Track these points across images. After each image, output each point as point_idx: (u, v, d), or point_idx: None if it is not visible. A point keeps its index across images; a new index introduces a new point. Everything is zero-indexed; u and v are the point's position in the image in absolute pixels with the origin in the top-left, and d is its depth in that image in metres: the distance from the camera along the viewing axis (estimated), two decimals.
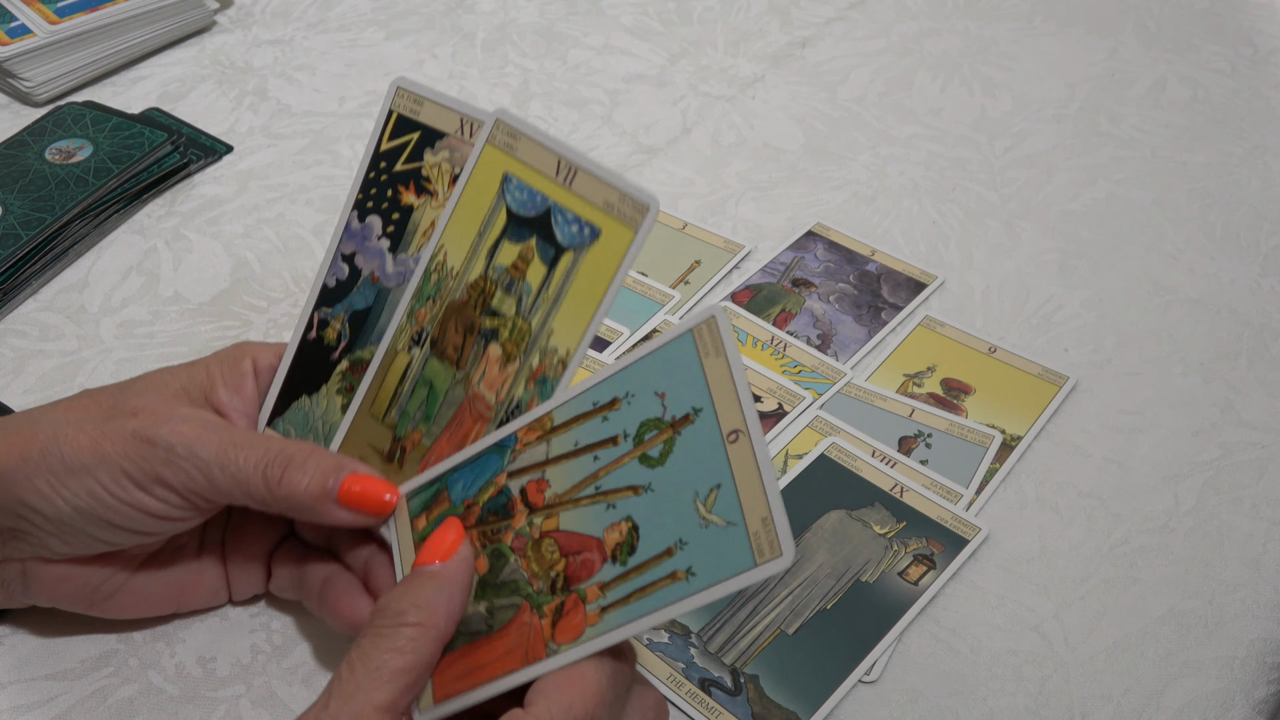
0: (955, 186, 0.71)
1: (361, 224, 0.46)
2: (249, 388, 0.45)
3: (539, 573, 0.37)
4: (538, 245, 0.41)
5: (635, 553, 0.35)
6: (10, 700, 0.44)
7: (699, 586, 0.34)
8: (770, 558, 0.32)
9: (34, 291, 0.63)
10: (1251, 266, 0.65)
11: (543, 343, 0.40)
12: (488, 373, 0.42)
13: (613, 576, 0.36)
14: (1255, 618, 0.48)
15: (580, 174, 0.40)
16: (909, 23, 0.87)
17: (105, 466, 0.39)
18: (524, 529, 0.38)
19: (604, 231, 0.39)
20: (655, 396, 0.36)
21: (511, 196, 0.42)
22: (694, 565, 0.34)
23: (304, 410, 0.46)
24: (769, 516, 0.33)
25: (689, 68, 0.82)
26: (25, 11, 0.77)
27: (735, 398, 0.34)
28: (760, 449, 0.33)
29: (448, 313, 0.43)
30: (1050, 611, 0.48)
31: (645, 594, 0.35)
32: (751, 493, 0.33)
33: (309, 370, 0.46)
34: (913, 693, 0.46)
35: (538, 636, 0.36)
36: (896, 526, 0.51)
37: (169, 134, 0.70)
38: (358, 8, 0.89)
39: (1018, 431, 0.56)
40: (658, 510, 0.35)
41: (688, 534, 0.34)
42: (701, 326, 0.36)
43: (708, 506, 0.34)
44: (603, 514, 0.36)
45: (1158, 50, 0.84)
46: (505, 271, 0.42)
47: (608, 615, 0.35)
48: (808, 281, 0.64)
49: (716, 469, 0.34)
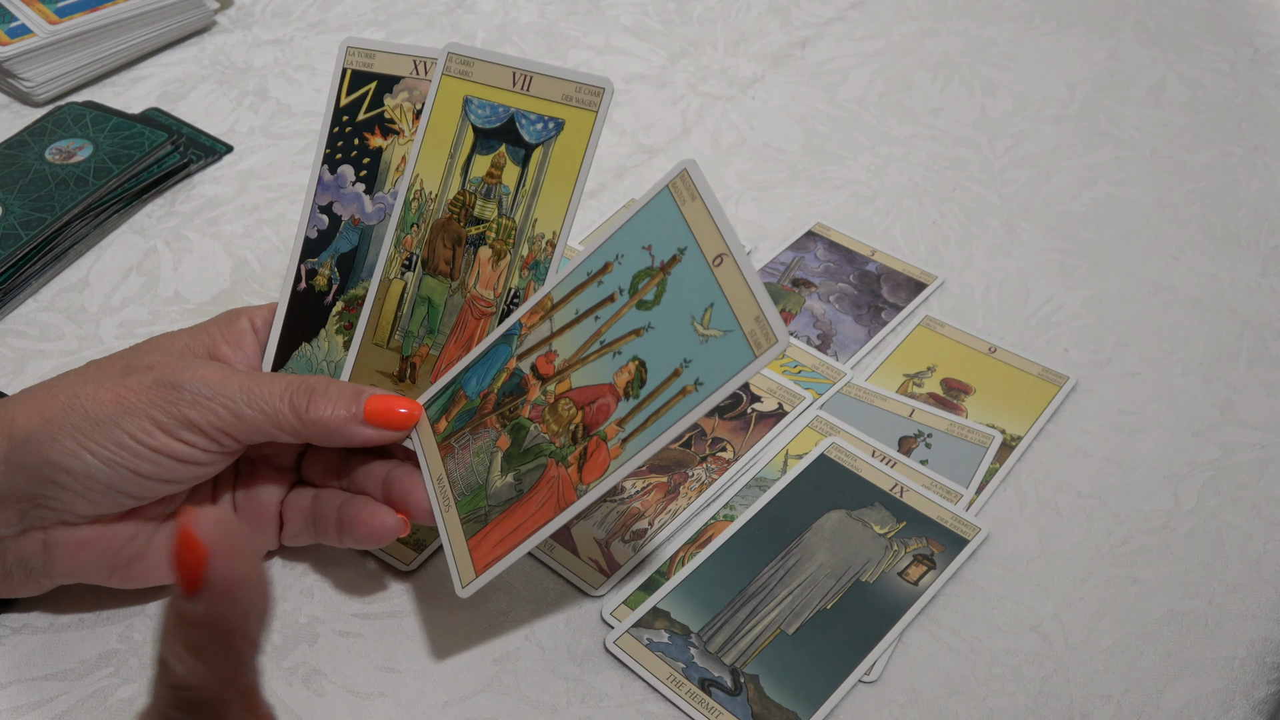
0: (955, 186, 0.71)
1: (334, 175, 0.48)
2: (249, 343, 0.47)
3: (559, 430, 0.40)
4: (508, 150, 0.45)
5: (645, 384, 0.38)
6: (10, 700, 0.44)
7: (709, 391, 0.36)
8: (768, 346, 0.35)
9: (34, 291, 0.63)
10: (1251, 266, 0.65)
11: (529, 232, 0.44)
12: (481, 274, 0.45)
13: (628, 411, 0.38)
14: (1255, 618, 0.48)
15: (535, 78, 0.44)
16: (909, 23, 0.87)
17: (132, 415, 0.40)
18: (539, 399, 0.41)
19: (567, 121, 0.43)
20: (643, 250, 0.39)
21: (474, 115, 0.45)
22: (700, 376, 0.36)
23: (306, 356, 0.48)
24: (760, 314, 0.35)
25: (689, 68, 0.82)
26: (25, 11, 0.77)
27: (715, 229, 0.37)
28: (744, 263, 0.36)
29: (433, 233, 0.46)
30: (1050, 611, 0.48)
31: (660, 414, 0.37)
32: (742, 300, 0.36)
33: (304, 319, 0.48)
34: (913, 693, 0.46)
35: (567, 484, 0.39)
36: (896, 526, 0.51)
37: (169, 134, 0.70)
38: (358, 8, 0.89)
39: (1018, 431, 0.56)
40: (660, 343, 0.38)
41: (690, 352, 0.37)
42: (676, 180, 0.39)
43: (704, 324, 0.37)
44: (610, 362, 0.39)
45: (1158, 50, 0.84)
46: (481, 181, 0.45)
47: (629, 444, 0.38)
48: (808, 281, 0.64)
49: (707, 291, 0.37)
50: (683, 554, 0.50)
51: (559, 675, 0.46)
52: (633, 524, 0.51)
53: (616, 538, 0.51)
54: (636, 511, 0.52)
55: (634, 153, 0.74)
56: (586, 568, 0.50)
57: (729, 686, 0.46)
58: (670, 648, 0.47)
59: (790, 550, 0.50)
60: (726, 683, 0.46)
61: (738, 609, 0.48)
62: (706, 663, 0.46)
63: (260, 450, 0.47)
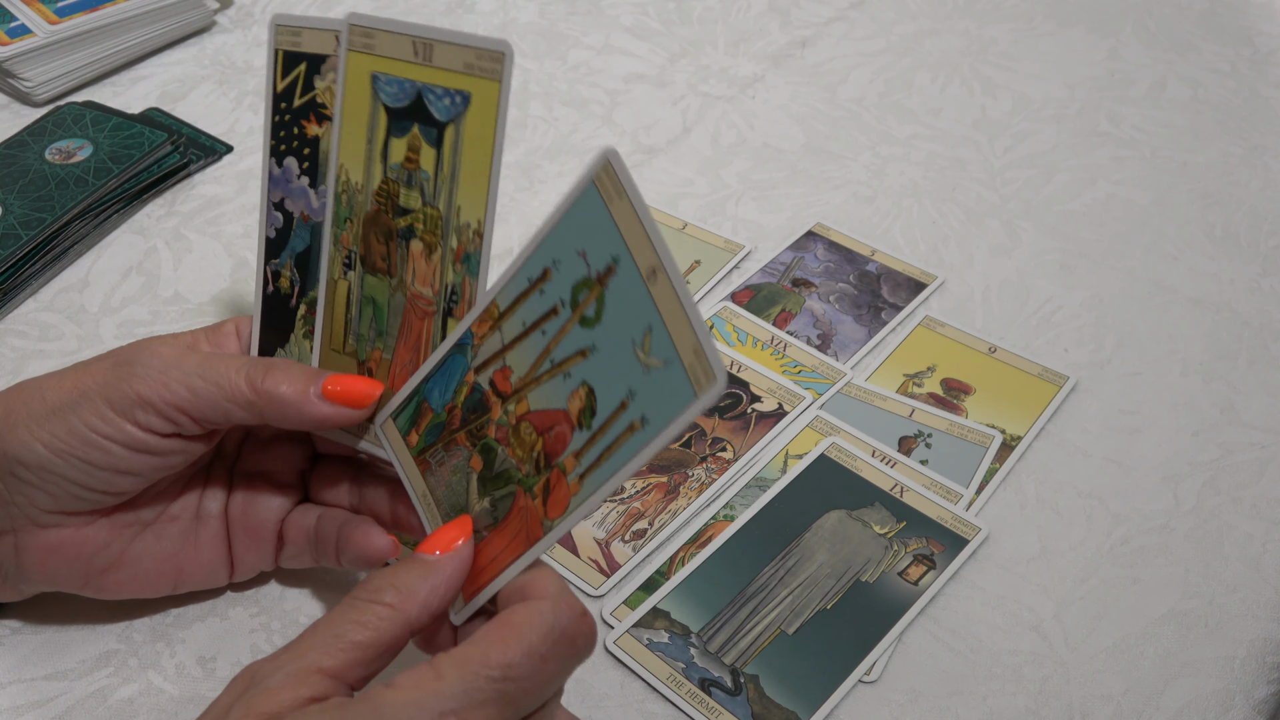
0: (955, 186, 0.71)
1: (281, 168, 0.46)
2: (232, 346, 0.46)
3: (524, 456, 0.38)
4: (421, 131, 0.41)
5: (596, 414, 0.36)
6: (10, 700, 0.44)
7: (654, 432, 0.34)
8: (707, 385, 0.32)
9: (34, 291, 0.63)
10: (1251, 266, 0.65)
11: (455, 221, 0.41)
12: (417, 270, 0.42)
13: (583, 443, 0.36)
14: (1255, 618, 0.48)
15: (436, 47, 0.40)
16: (909, 23, 0.87)
17: (87, 400, 0.40)
18: (502, 418, 0.39)
19: (473, 93, 0.40)
20: (578, 256, 0.36)
21: (384, 93, 0.42)
22: (645, 413, 0.34)
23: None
24: (698, 346, 0.32)
25: (689, 68, 0.82)
26: (25, 11, 0.77)
27: (645, 236, 0.34)
28: (678, 282, 0.33)
29: (365, 227, 0.43)
30: (1050, 611, 0.48)
31: (612, 451, 0.35)
32: (679, 327, 0.33)
33: (276, 323, 0.47)
34: (913, 693, 0.46)
35: (534, 517, 0.37)
36: (896, 526, 0.51)
37: (169, 134, 0.70)
38: (357, 8, 0.89)
39: (1018, 431, 0.56)
40: (606, 368, 0.36)
41: (635, 383, 0.34)
42: (600, 173, 0.35)
43: (645, 350, 0.34)
44: (561, 385, 0.37)
45: (1158, 50, 0.84)
46: (400, 168, 0.42)
47: (586, 481, 0.36)
48: (808, 281, 0.64)
49: (644, 311, 0.34)
50: (683, 554, 0.50)
51: None
52: (633, 524, 0.51)
53: (616, 538, 0.51)
54: (636, 511, 0.52)
55: (634, 153, 0.74)
56: (586, 568, 0.50)
57: (729, 686, 0.46)
58: (670, 648, 0.47)
59: (790, 550, 0.50)
60: (726, 683, 0.46)
61: (738, 609, 0.48)
62: (706, 663, 0.46)
63: (260, 465, 0.47)
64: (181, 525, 0.45)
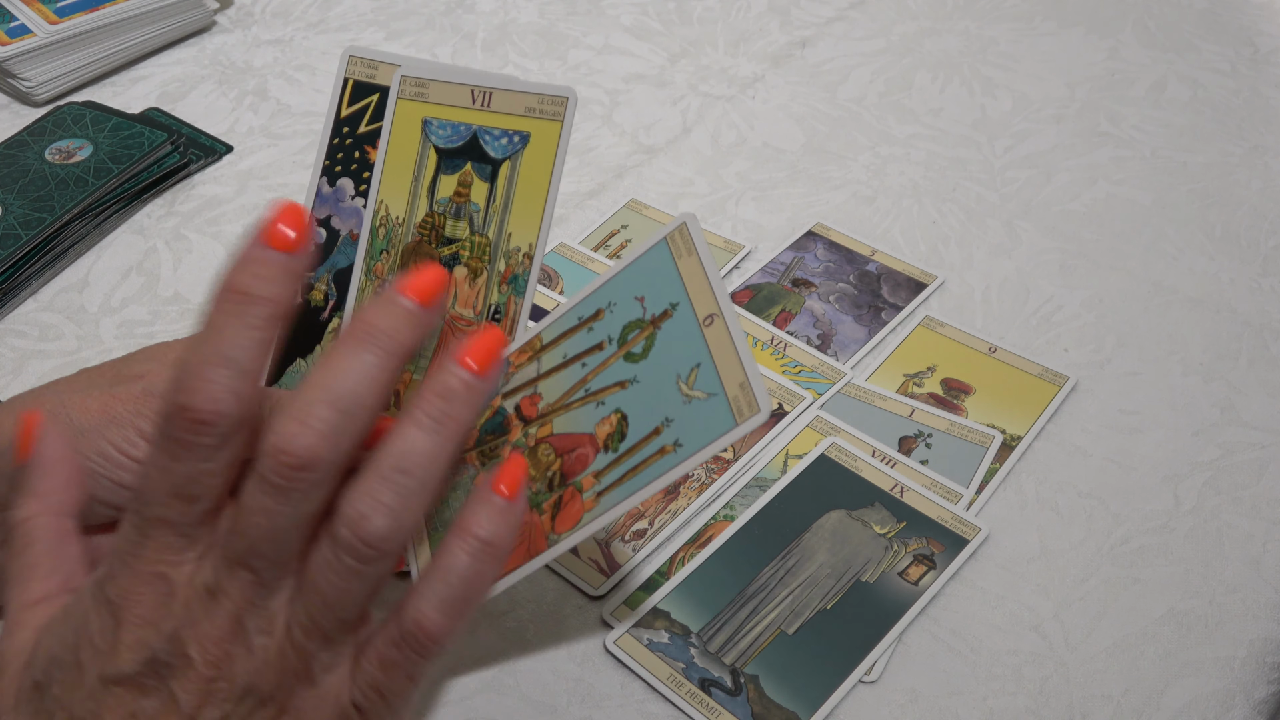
0: (955, 186, 0.71)
1: (333, 188, 0.48)
2: None
3: (536, 476, 0.39)
4: (474, 168, 0.44)
5: (625, 439, 0.37)
6: None
7: (687, 454, 0.36)
8: (749, 415, 0.35)
9: (34, 291, 0.63)
10: (1251, 266, 0.65)
11: (504, 247, 0.43)
12: (459, 294, 0.44)
13: (606, 464, 0.38)
14: (1255, 618, 0.48)
15: (495, 94, 0.43)
16: (909, 23, 0.87)
17: (117, 425, 0.40)
18: (520, 440, 0.40)
19: (533, 134, 0.42)
20: (635, 301, 0.39)
21: (435, 136, 0.44)
22: (680, 437, 0.36)
23: (300, 373, 0.47)
24: (746, 381, 0.35)
25: (689, 68, 0.82)
26: (25, 11, 0.77)
27: (709, 288, 0.37)
28: (734, 326, 0.36)
29: (404, 257, 0.45)
30: (1050, 611, 0.48)
31: (637, 472, 0.37)
32: (729, 365, 0.36)
33: (300, 334, 0.47)
34: (913, 693, 0.46)
35: (538, 531, 0.38)
36: (896, 526, 0.51)
37: (169, 134, 0.70)
38: (358, 8, 0.89)
39: (1018, 431, 0.56)
40: (644, 398, 0.37)
41: (673, 412, 0.36)
42: (674, 233, 0.38)
43: (689, 384, 0.36)
44: (593, 412, 0.38)
45: (1158, 50, 0.84)
46: (449, 201, 0.44)
47: (603, 498, 0.37)
48: (808, 281, 0.64)
49: (695, 350, 0.36)
50: (683, 554, 0.50)
51: (559, 675, 0.46)
52: (633, 524, 0.51)
53: (616, 538, 0.51)
54: (636, 511, 0.52)
55: (634, 153, 0.74)
56: (586, 568, 0.50)
57: (729, 686, 0.46)
58: (670, 648, 0.47)
59: (790, 550, 0.50)
60: (726, 683, 0.46)
61: (738, 609, 0.48)
62: (706, 663, 0.46)
63: None
64: None
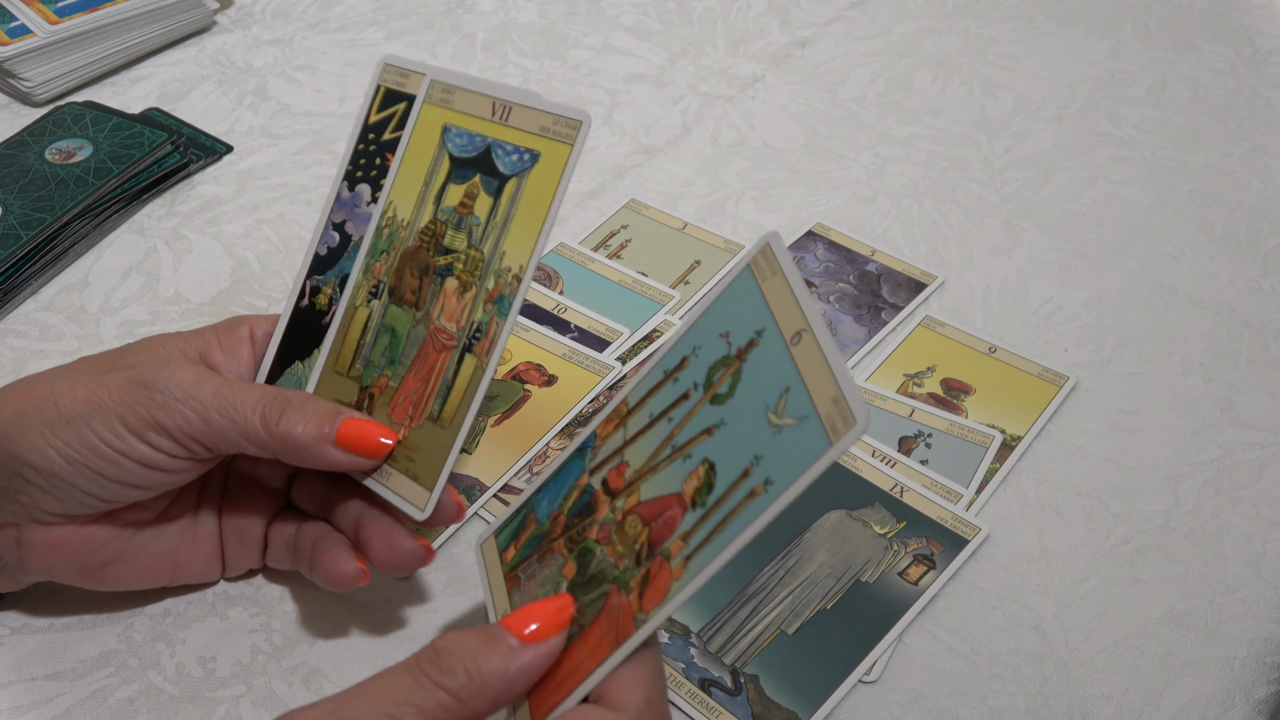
0: (955, 186, 0.71)
1: (351, 193, 0.48)
2: (244, 353, 0.46)
3: (624, 552, 0.37)
4: (481, 180, 0.44)
5: (713, 489, 0.35)
6: (10, 700, 0.44)
7: (778, 491, 0.33)
8: (845, 430, 0.32)
9: (34, 291, 0.63)
10: (1251, 266, 0.65)
11: (496, 265, 0.43)
12: (446, 305, 0.44)
13: (694, 522, 0.35)
14: (1255, 618, 0.48)
15: (515, 109, 0.43)
16: (909, 23, 0.87)
17: (101, 415, 0.40)
18: (607, 516, 0.38)
19: (543, 153, 0.42)
20: (720, 338, 0.37)
21: (452, 144, 0.45)
22: (770, 474, 0.33)
23: (297, 375, 0.47)
24: (839, 394, 0.32)
25: (689, 68, 0.82)
26: (25, 11, 0.77)
27: (795, 303, 0.35)
28: (824, 337, 0.33)
29: (402, 261, 0.45)
30: (1050, 611, 0.48)
31: (726, 524, 0.34)
32: (820, 380, 0.33)
33: (302, 336, 0.47)
34: (913, 693, 0.46)
35: (626, 614, 0.36)
36: (896, 526, 0.51)
37: (169, 134, 0.70)
38: (358, 8, 0.89)
39: (1018, 431, 0.56)
40: (731, 439, 0.35)
41: (762, 447, 0.34)
42: (758, 257, 0.36)
43: (779, 413, 0.34)
44: (680, 468, 0.36)
45: (1158, 50, 0.84)
46: (453, 211, 0.44)
47: (692, 562, 0.35)
48: (808, 281, 0.64)
49: (784, 374, 0.34)
50: None
51: None
52: None
53: None
54: None
55: (634, 152, 0.74)
56: None
57: (729, 686, 0.46)
58: (670, 648, 0.47)
59: (790, 550, 0.50)
60: (726, 683, 0.46)
61: (738, 609, 0.48)
62: (706, 663, 0.46)
63: (250, 469, 0.47)
64: (180, 524, 0.46)
